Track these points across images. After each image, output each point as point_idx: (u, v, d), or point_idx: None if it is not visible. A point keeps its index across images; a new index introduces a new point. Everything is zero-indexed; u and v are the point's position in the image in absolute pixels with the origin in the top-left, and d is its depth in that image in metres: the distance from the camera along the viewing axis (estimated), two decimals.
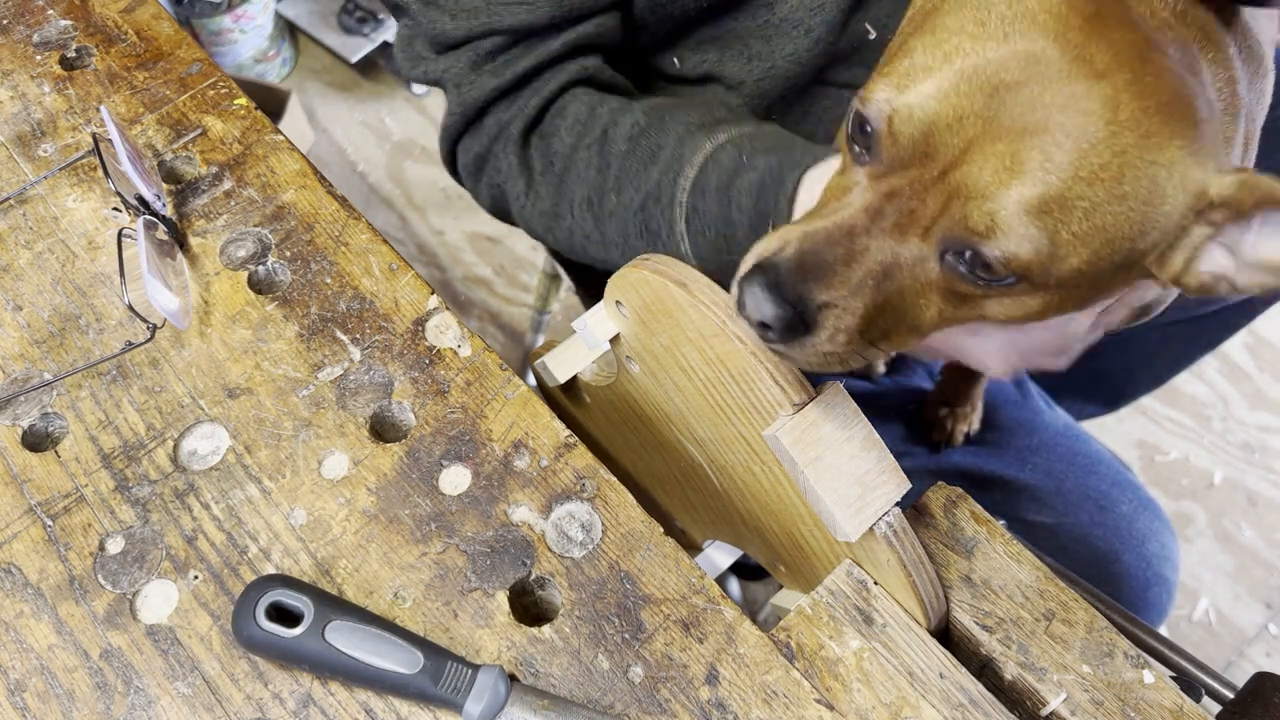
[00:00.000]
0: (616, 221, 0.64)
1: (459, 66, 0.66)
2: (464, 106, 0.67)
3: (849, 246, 0.40)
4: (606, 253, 0.66)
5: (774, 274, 0.40)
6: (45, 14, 0.69)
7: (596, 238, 0.66)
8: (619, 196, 0.63)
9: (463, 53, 0.66)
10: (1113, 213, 0.38)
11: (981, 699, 0.45)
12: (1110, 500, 0.83)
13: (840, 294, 0.40)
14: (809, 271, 0.40)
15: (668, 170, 0.60)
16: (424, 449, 0.52)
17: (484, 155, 0.69)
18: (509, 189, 0.69)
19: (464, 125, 0.69)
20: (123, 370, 0.55)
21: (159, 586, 0.48)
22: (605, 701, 0.46)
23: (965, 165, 0.38)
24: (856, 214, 0.40)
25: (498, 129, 0.67)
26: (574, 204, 0.66)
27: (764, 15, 0.68)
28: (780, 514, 0.51)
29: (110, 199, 0.61)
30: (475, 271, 1.72)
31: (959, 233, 0.39)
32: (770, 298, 0.40)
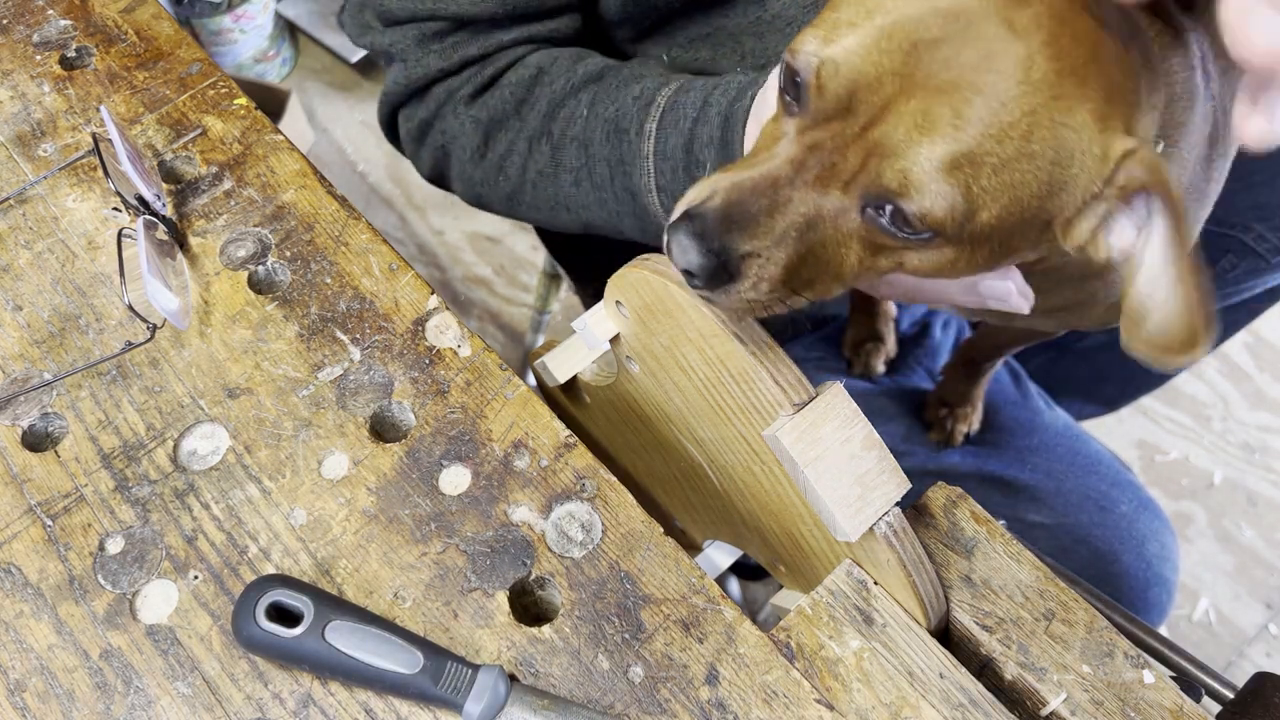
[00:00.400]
0: (580, 134, 0.63)
1: (405, 42, 0.67)
2: (409, 80, 0.68)
3: (773, 198, 0.41)
4: (557, 185, 0.66)
5: (700, 223, 0.41)
6: (45, 14, 0.69)
7: (550, 171, 0.66)
8: (591, 109, 0.63)
9: (409, 29, 0.66)
10: (1021, 170, 0.38)
11: (981, 699, 0.45)
12: (1110, 500, 0.83)
13: (764, 244, 0.41)
14: (734, 222, 0.41)
15: (651, 84, 0.61)
16: (424, 449, 0.52)
17: (429, 120, 0.69)
18: (457, 150, 0.69)
19: (407, 96, 0.69)
20: (123, 370, 0.55)
21: (159, 586, 0.48)
22: (605, 701, 0.46)
23: (883, 123, 0.39)
24: (781, 165, 0.41)
25: (446, 95, 0.68)
26: (532, 138, 0.66)
27: (755, 12, 0.68)
28: (780, 514, 0.51)
29: (110, 199, 0.61)
30: (475, 271, 1.72)
31: (877, 189, 0.40)
32: (695, 246, 0.41)
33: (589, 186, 0.64)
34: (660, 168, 0.60)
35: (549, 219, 0.70)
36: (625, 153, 0.61)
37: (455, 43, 0.66)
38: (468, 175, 0.71)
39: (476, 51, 0.66)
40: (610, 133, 0.62)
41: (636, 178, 0.61)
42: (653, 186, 0.61)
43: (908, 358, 0.91)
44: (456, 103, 0.68)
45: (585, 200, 0.65)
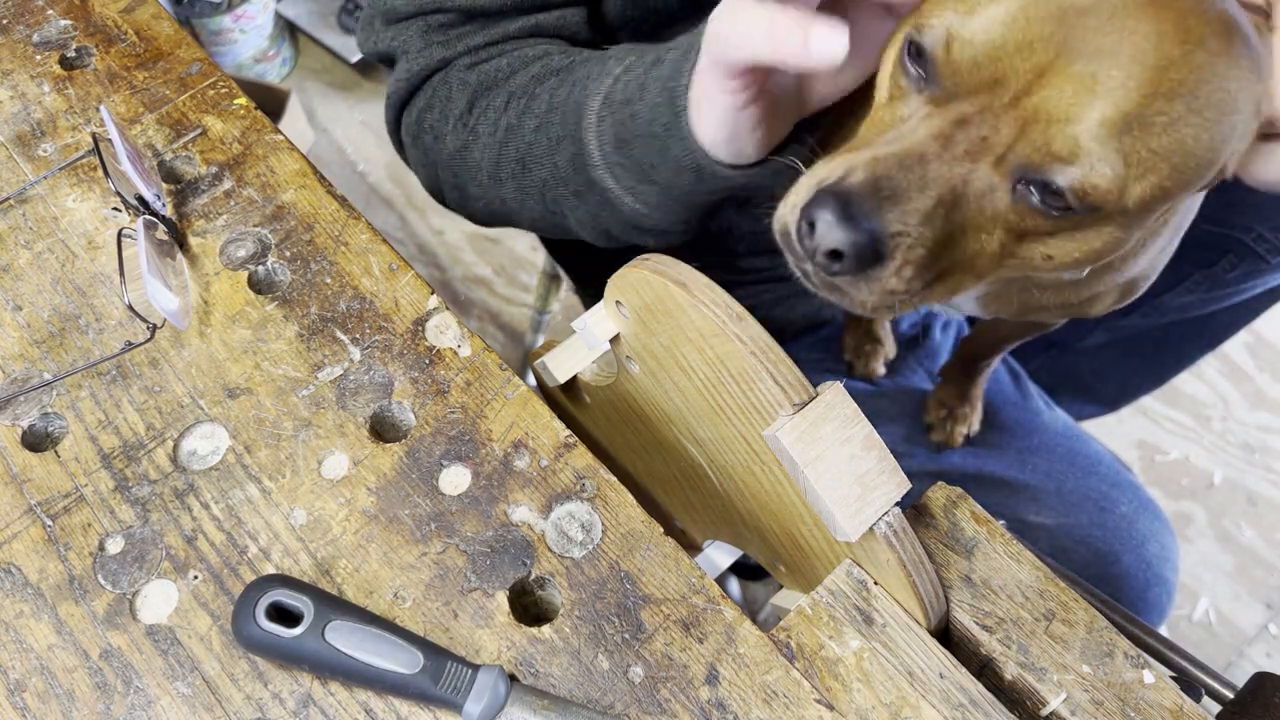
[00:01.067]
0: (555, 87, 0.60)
1: (408, 35, 0.66)
2: (410, 74, 0.66)
3: (921, 172, 0.39)
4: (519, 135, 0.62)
5: (846, 198, 0.38)
6: (45, 14, 0.69)
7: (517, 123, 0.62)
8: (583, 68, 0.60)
9: (412, 24, 0.65)
10: (1192, 126, 0.38)
11: (981, 699, 0.45)
12: (1110, 501, 0.83)
13: (913, 222, 0.39)
14: (884, 197, 0.38)
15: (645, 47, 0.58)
16: (424, 449, 0.52)
17: (426, 107, 0.68)
18: (443, 124, 0.67)
19: (410, 91, 0.68)
20: (122, 370, 0.55)
21: (159, 586, 0.48)
22: (605, 701, 0.46)
23: (1041, 90, 0.37)
24: (926, 140, 0.39)
25: (444, 78, 0.66)
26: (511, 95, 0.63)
27: None
28: (780, 514, 0.51)
29: (110, 199, 0.61)
30: (475, 271, 1.72)
31: (1037, 159, 0.38)
32: (844, 224, 0.38)
33: (546, 120, 0.60)
34: (620, 76, 0.56)
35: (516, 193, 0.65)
36: (596, 70, 0.58)
37: (461, 34, 0.65)
38: (450, 150, 0.67)
39: (482, 40, 0.65)
40: (595, 61, 0.59)
41: (591, 91, 0.57)
42: (600, 97, 0.56)
43: (908, 359, 0.91)
44: (454, 70, 0.66)
45: (539, 144, 0.61)
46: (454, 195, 0.71)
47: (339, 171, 1.84)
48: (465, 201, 0.71)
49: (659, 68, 0.54)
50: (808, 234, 0.40)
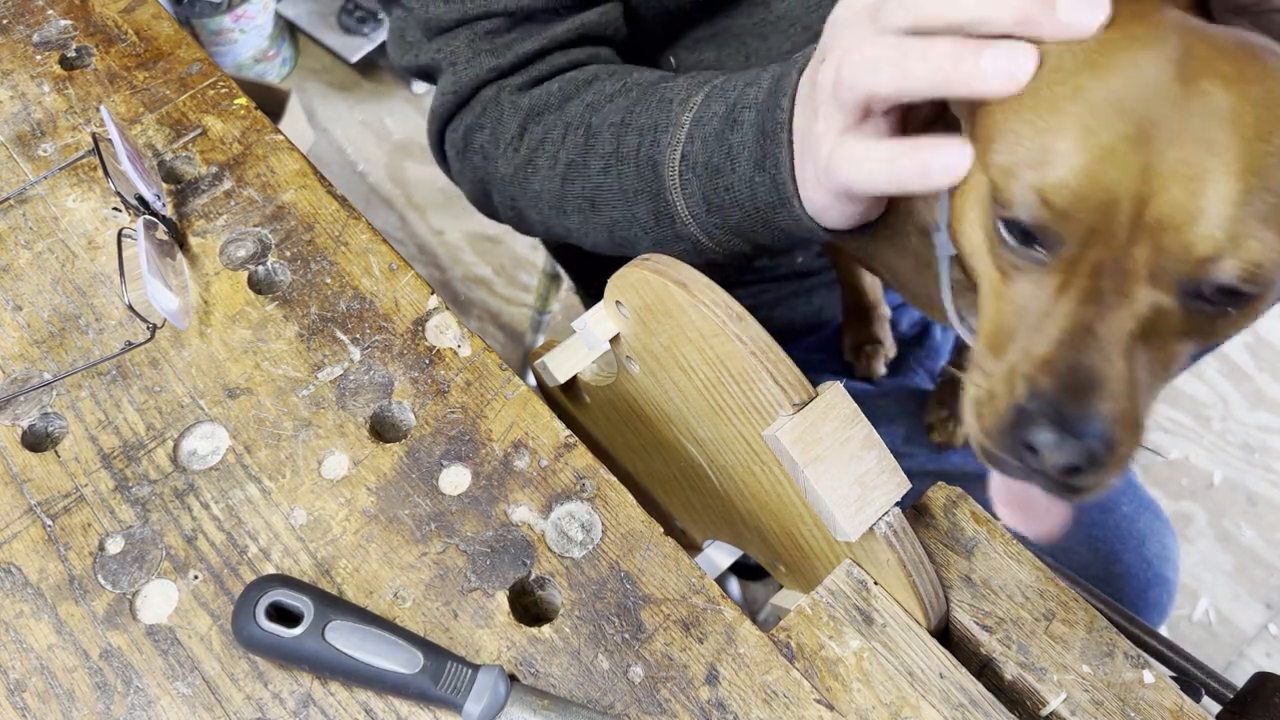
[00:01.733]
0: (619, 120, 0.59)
1: (455, 46, 0.64)
2: (459, 86, 0.65)
3: (1097, 343, 0.37)
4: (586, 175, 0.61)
5: (1056, 414, 0.36)
6: (45, 14, 0.69)
7: (580, 160, 0.61)
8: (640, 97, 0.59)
9: (458, 34, 0.64)
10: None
11: (981, 699, 0.45)
12: (1110, 501, 0.83)
13: (1120, 392, 0.37)
14: (1084, 390, 0.36)
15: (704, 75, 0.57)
16: (424, 449, 0.52)
17: (473, 125, 0.66)
18: (493, 147, 0.66)
19: (456, 105, 0.66)
20: (122, 370, 0.55)
21: (159, 586, 0.48)
22: (605, 701, 0.46)
23: (1154, 202, 0.36)
24: (1077, 308, 0.37)
25: (494, 93, 0.65)
26: (569, 126, 0.62)
27: (760, 13, 0.68)
28: (780, 514, 0.51)
29: (110, 199, 0.61)
30: (475, 271, 1.72)
31: (1188, 268, 0.36)
32: (1067, 439, 0.36)
33: (614, 163, 0.59)
34: (693, 133, 0.55)
35: (580, 227, 0.65)
36: (662, 120, 0.57)
37: (510, 40, 0.63)
38: (503, 174, 0.66)
39: (532, 48, 0.63)
40: (655, 104, 0.58)
41: (663, 143, 0.56)
42: (677, 156, 0.55)
43: (908, 359, 0.91)
44: (503, 93, 0.64)
45: (609, 186, 0.60)
46: (509, 214, 0.70)
47: (339, 171, 1.84)
48: (522, 221, 0.70)
49: (738, 131, 0.52)
50: (1030, 456, 0.38)
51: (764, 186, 0.52)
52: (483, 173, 0.68)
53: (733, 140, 0.53)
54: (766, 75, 0.52)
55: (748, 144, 0.52)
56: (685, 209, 0.57)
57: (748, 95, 0.52)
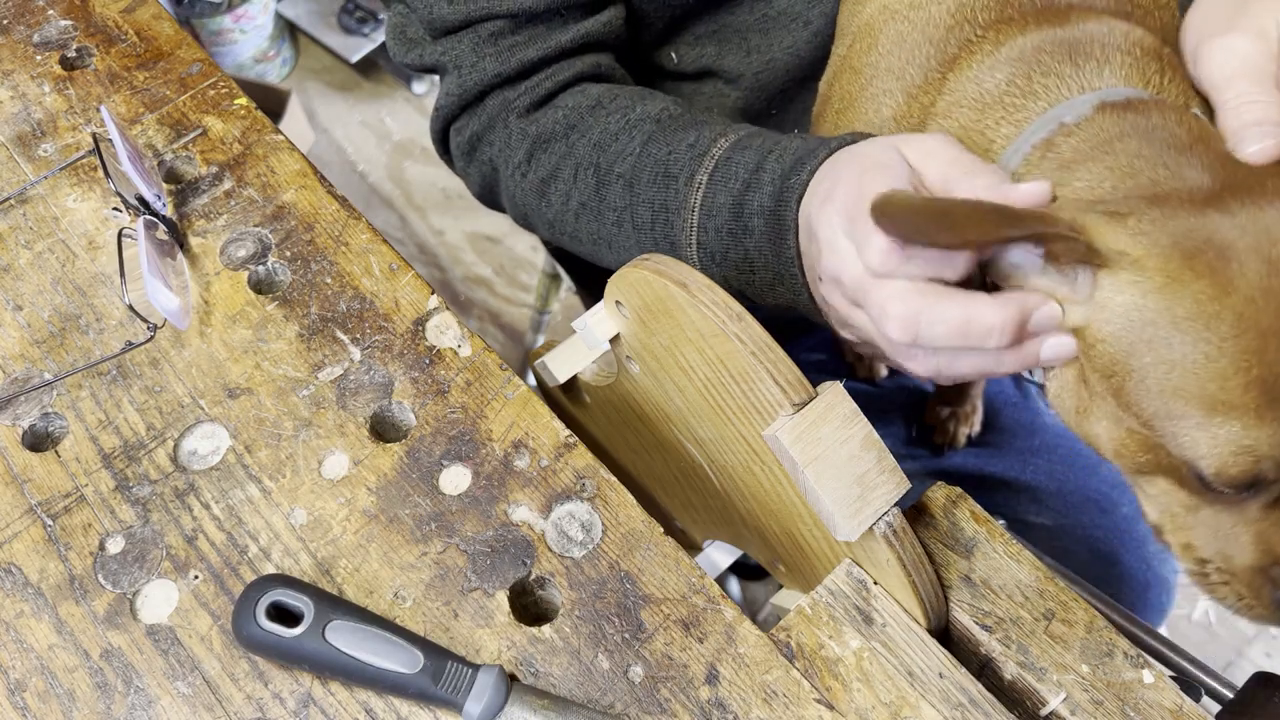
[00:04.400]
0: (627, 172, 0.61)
1: (460, 49, 0.65)
2: (463, 89, 0.66)
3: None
4: (600, 221, 0.63)
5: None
6: (45, 14, 0.69)
7: (594, 205, 0.63)
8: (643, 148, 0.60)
9: (463, 36, 0.64)
10: None
11: (981, 699, 0.45)
12: (1111, 502, 0.83)
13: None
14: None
15: (709, 133, 0.58)
16: (424, 449, 0.52)
17: (480, 134, 0.67)
18: (502, 164, 0.67)
19: (460, 108, 0.67)
20: (123, 370, 0.55)
21: (159, 586, 0.48)
22: (605, 701, 0.46)
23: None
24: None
25: (501, 107, 0.66)
26: (579, 166, 0.63)
27: (762, 9, 0.68)
28: (780, 514, 0.51)
29: (110, 199, 0.61)
30: (475, 271, 1.72)
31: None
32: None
33: (630, 228, 0.62)
34: (704, 224, 0.57)
35: (591, 253, 0.67)
36: (671, 199, 0.58)
37: (513, 45, 0.64)
38: (512, 191, 0.68)
39: (535, 55, 0.64)
40: (659, 175, 0.59)
41: (678, 228, 0.58)
42: (694, 241, 0.58)
43: None
44: (510, 114, 0.65)
45: (625, 242, 0.63)
46: (516, 218, 0.72)
47: (339, 172, 1.84)
48: (530, 228, 0.72)
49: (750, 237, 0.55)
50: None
51: (784, 296, 0.56)
52: (490, 180, 0.70)
53: (748, 245, 0.55)
54: (768, 174, 0.54)
55: (764, 252, 0.55)
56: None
57: (751, 201, 0.54)
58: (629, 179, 0.60)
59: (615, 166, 0.61)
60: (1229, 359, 0.40)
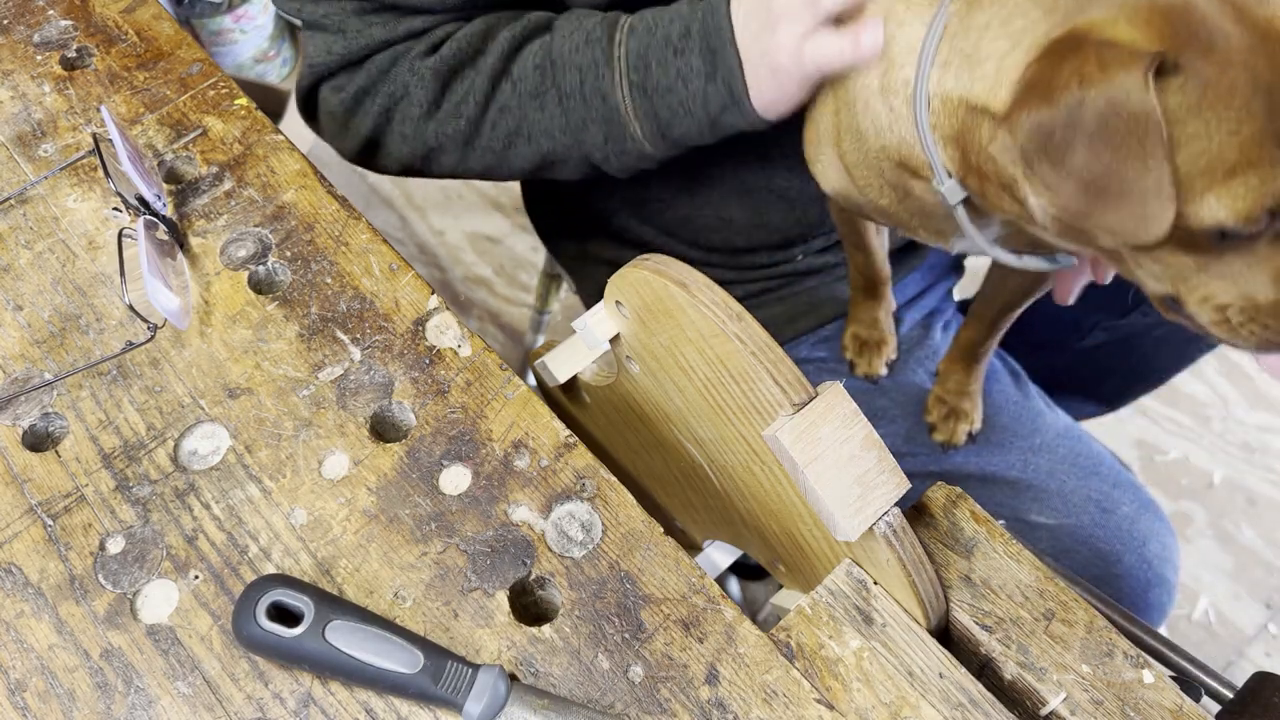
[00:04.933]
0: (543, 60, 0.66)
1: (342, 15, 0.68)
2: (348, 51, 0.69)
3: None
4: (521, 115, 0.67)
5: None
6: (45, 14, 0.69)
7: (513, 104, 0.67)
8: (553, 40, 0.65)
9: (345, 3, 0.67)
10: None
11: (981, 699, 0.45)
12: (1112, 502, 0.82)
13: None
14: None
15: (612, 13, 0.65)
16: (424, 449, 0.52)
17: (366, 88, 0.70)
18: (402, 108, 0.70)
19: (341, 66, 0.70)
20: (123, 370, 0.55)
21: (159, 586, 0.48)
22: (605, 701, 0.46)
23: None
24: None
25: (390, 60, 0.69)
26: (493, 77, 0.67)
27: None
28: (780, 514, 0.51)
29: (110, 199, 0.61)
30: (475, 271, 1.72)
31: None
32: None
33: (555, 101, 0.66)
34: (634, 64, 0.63)
35: (501, 160, 0.70)
36: (598, 56, 0.64)
37: (396, 17, 0.68)
38: (416, 134, 0.71)
39: (421, 25, 0.68)
40: (579, 45, 0.64)
41: (607, 78, 0.64)
42: (625, 84, 0.63)
43: (909, 359, 0.91)
44: (409, 59, 0.68)
45: (549, 122, 0.67)
46: (411, 164, 0.74)
47: (339, 171, 1.84)
48: (427, 169, 0.75)
49: (682, 56, 0.62)
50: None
51: (716, 95, 0.62)
52: (380, 130, 0.72)
53: (678, 64, 0.62)
54: (687, 7, 0.61)
55: (694, 64, 0.61)
56: (638, 128, 0.65)
57: (676, 27, 0.62)
58: (545, 64, 0.66)
59: (529, 61, 0.66)
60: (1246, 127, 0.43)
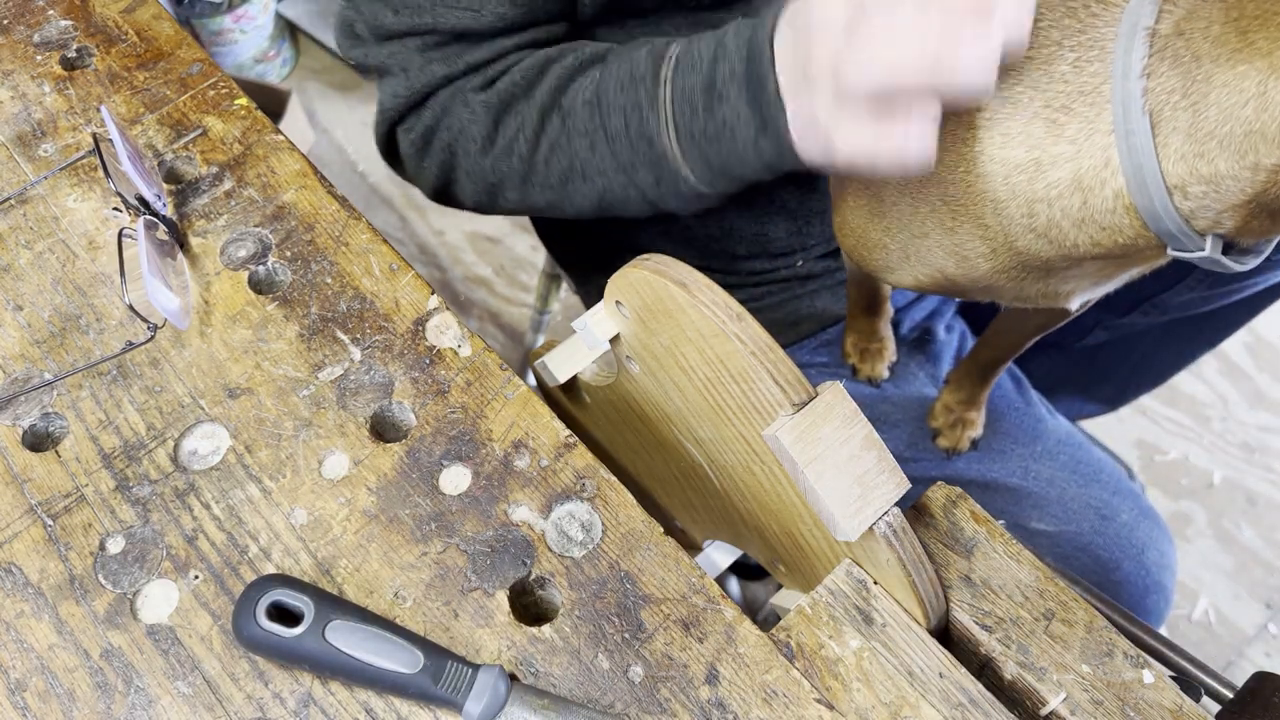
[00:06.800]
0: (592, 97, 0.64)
1: (406, 53, 0.67)
2: (411, 90, 0.68)
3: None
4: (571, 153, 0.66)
5: None
6: (45, 14, 0.69)
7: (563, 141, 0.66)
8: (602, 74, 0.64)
9: (408, 41, 0.67)
10: None
11: (981, 699, 0.45)
12: (1111, 509, 0.82)
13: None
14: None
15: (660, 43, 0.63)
16: (424, 449, 0.52)
17: (433, 127, 0.69)
18: (462, 147, 0.69)
19: (409, 108, 0.69)
20: (123, 370, 0.55)
21: (159, 586, 0.48)
22: (605, 701, 0.46)
23: None
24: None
25: (452, 95, 0.68)
26: (543, 112, 0.66)
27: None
28: (780, 514, 0.51)
29: (111, 199, 0.61)
30: (475, 271, 1.72)
31: None
32: None
33: (603, 141, 0.64)
34: (679, 108, 0.60)
35: (562, 196, 0.69)
36: (641, 98, 0.62)
37: (457, 51, 0.66)
38: (477, 170, 0.70)
39: (482, 56, 0.66)
40: (625, 83, 0.62)
41: (652, 122, 0.61)
42: (671, 129, 0.61)
43: (909, 363, 0.91)
44: (465, 93, 0.67)
45: (600, 162, 0.65)
46: (479, 200, 0.74)
47: (339, 172, 1.84)
48: (495, 203, 0.74)
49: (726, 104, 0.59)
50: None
51: (769, 149, 0.59)
52: (448, 170, 0.72)
53: (724, 112, 0.59)
54: (732, 44, 0.58)
55: (742, 114, 0.58)
56: (689, 172, 0.63)
57: (721, 70, 0.58)
58: (594, 102, 0.64)
59: (579, 97, 0.64)
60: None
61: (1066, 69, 0.48)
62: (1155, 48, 0.45)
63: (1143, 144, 0.46)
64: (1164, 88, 0.45)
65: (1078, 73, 0.48)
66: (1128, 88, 0.46)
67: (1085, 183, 0.49)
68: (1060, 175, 0.49)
